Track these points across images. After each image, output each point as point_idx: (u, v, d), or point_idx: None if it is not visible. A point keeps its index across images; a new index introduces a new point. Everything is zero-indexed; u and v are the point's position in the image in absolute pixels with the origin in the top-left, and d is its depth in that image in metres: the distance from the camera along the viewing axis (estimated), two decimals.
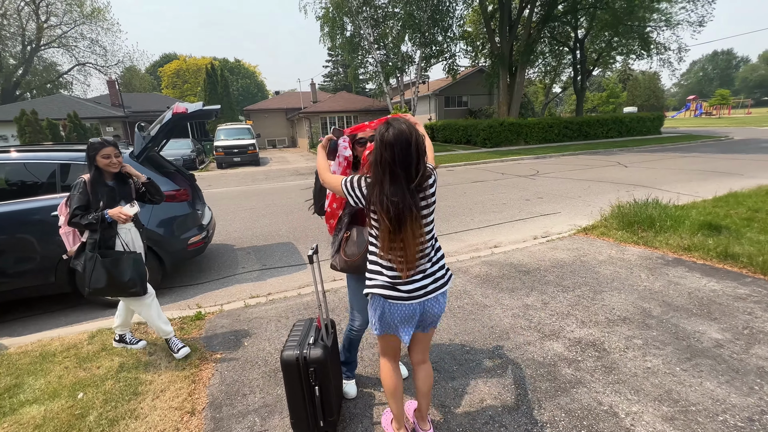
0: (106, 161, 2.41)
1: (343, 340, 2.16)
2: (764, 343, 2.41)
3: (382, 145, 1.43)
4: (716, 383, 2.07)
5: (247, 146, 17.00)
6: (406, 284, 1.55)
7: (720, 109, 50.83)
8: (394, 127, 1.44)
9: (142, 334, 3.05)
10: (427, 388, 1.77)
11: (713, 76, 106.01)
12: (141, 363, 2.59)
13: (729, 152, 13.56)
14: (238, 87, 49.78)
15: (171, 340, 2.73)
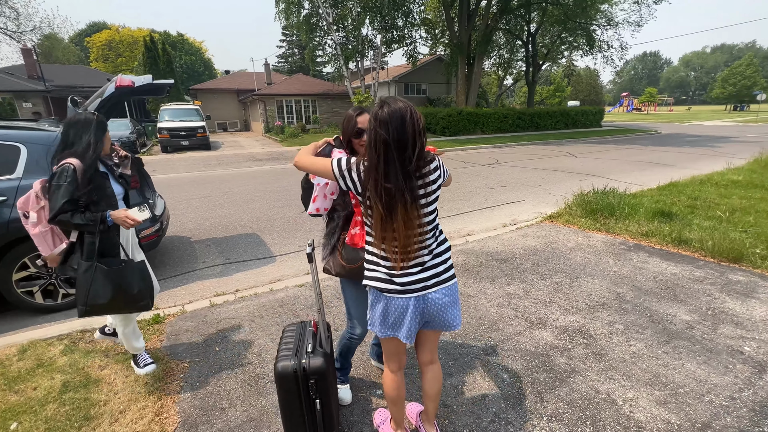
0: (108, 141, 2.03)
1: (340, 346, 1.98)
2: (727, 323, 2.60)
3: (376, 123, 1.29)
4: (696, 364, 2.19)
5: (195, 128, 15.67)
6: (401, 276, 1.42)
7: (648, 105, 56.19)
8: (389, 105, 1.30)
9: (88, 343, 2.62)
10: (436, 391, 1.65)
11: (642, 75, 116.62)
12: (91, 380, 2.21)
13: (660, 145, 14.95)
14: (181, 64, 45.61)
15: (140, 356, 2.34)
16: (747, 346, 2.34)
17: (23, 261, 3.04)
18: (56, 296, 3.22)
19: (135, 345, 2.28)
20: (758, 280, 3.22)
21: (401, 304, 1.43)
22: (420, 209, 1.35)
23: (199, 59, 50.82)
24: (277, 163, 12.10)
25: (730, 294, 3.00)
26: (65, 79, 23.22)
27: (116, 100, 3.38)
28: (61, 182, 1.82)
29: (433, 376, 1.64)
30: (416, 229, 1.35)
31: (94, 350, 2.54)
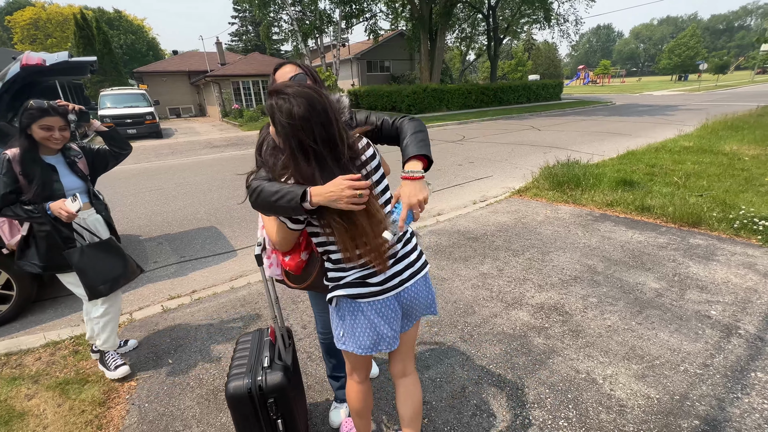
0: (46, 134, 1.80)
1: (321, 348, 1.74)
2: (693, 288, 2.65)
3: (295, 125, 1.01)
4: (668, 333, 2.20)
5: (143, 115, 14.40)
6: (375, 275, 1.19)
7: (603, 78, 58.35)
8: (295, 97, 1.02)
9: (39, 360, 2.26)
10: (412, 412, 1.36)
11: (597, 48, 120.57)
12: (14, 414, 1.89)
13: (616, 115, 15.51)
14: (121, 45, 41.69)
15: (109, 354, 2.16)
16: (713, 309, 2.39)
17: None
18: None
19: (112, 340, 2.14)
20: (716, 242, 3.34)
21: (380, 308, 1.21)
22: (376, 199, 1.15)
23: (142, 39, 46.72)
24: (237, 149, 11.41)
25: (693, 258, 3.08)
26: None
27: (25, 82, 2.88)
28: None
29: (407, 392, 1.37)
30: (381, 222, 1.12)
31: (22, 376, 2.20)
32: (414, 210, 1.08)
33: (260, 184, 1.09)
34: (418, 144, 1.14)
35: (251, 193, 1.11)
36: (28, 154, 1.80)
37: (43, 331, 2.69)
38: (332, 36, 20.32)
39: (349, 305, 1.22)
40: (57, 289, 3.38)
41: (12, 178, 1.78)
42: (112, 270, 2.01)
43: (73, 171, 1.97)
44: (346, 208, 1.04)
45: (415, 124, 1.23)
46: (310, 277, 1.34)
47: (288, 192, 1.03)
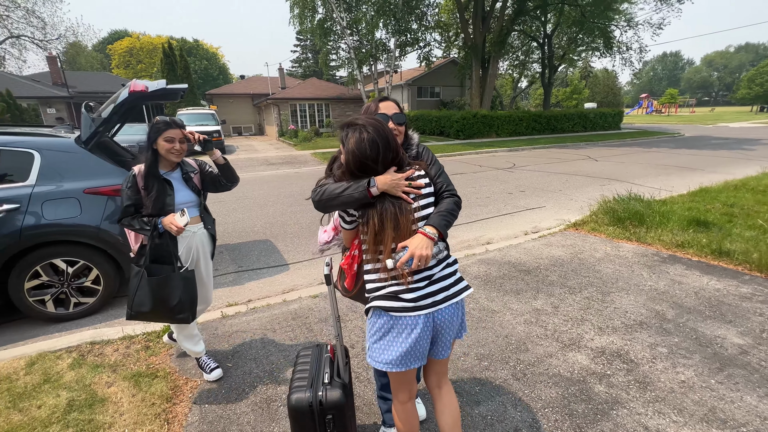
0: (168, 146, 1.96)
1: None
2: None
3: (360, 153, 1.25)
4: (756, 397, 1.95)
5: (211, 133, 15.81)
6: (409, 292, 1.29)
7: (669, 107, 54.60)
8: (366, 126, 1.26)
9: (122, 355, 2.53)
10: (453, 419, 1.43)
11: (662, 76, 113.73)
12: (96, 399, 2.11)
13: (685, 148, 14.37)
14: (197, 70, 46.56)
15: (202, 359, 2.31)
16: None
17: (35, 269, 2.99)
18: (68, 305, 3.16)
19: (193, 349, 2.27)
20: None
21: (409, 323, 1.29)
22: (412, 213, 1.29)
23: (215, 64, 51.86)
24: (291, 167, 12.09)
25: None
26: (88, 85, 23.91)
27: (130, 105, 3.32)
28: (124, 187, 1.98)
29: (444, 402, 1.45)
30: (404, 237, 1.27)
31: (103, 364, 2.45)
32: (414, 259, 1.21)
33: (325, 183, 1.33)
34: (443, 219, 1.32)
35: (316, 190, 1.33)
36: (151, 168, 1.97)
37: (121, 325, 2.99)
38: (385, 63, 21.19)
39: (382, 317, 1.31)
40: None
41: (135, 191, 1.95)
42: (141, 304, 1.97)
43: (187, 185, 2.12)
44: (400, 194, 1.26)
45: (453, 202, 1.39)
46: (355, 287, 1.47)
47: (354, 183, 1.25)
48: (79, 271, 3.15)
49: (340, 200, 1.26)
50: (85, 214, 3.07)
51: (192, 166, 2.23)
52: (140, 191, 1.96)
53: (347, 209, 1.31)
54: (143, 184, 1.96)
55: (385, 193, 1.25)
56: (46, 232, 2.95)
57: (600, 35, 21.53)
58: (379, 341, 1.33)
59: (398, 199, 1.27)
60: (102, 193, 3.16)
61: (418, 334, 1.29)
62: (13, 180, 2.95)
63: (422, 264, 1.22)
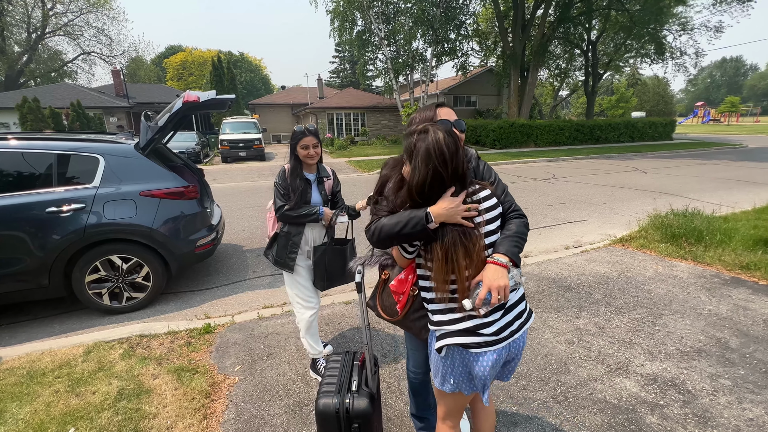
0: (304, 152, 2.18)
1: (408, 384, 1.72)
2: None
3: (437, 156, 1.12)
4: None
5: (252, 140, 16.59)
6: (488, 326, 1.19)
7: (728, 116, 50.37)
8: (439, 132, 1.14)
9: (144, 348, 2.69)
10: (491, 427, 1.52)
11: (721, 83, 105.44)
12: (143, 389, 2.23)
13: (748, 160, 13.16)
14: (242, 81, 49.22)
15: (319, 361, 2.40)
16: None
17: (95, 264, 3.24)
18: (121, 299, 3.40)
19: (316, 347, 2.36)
20: None
21: (493, 359, 1.20)
22: (481, 237, 1.19)
23: (258, 76, 54.55)
24: None
25: None
26: (145, 96, 25.98)
27: (184, 114, 3.56)
28: (277, 180, 2.21)
29: (487, 419, 1.50)
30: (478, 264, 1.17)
31: (150, 357, 2.60)
32: (493, 293, 1.12)
33: (378, 223, 1.22)
34: (514, 245, 1.22)
35: (371, 234, 1.23)
36: (295, 170, 2.21)
37: (167, 321, 3.16)
38: (421, 72, 21.29)
39: (461, 354, 1.22)
40: (178, 285, 3.97)
41: (286, 184, 2.19)
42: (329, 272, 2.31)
43: (318, 189, 2.30)
44: (461, 222, 1.15)
45: (523, 224, 1.31)
46: (397, 314, 1.41)
47: (410, 218, 1.14)
48: (132, 268, 3.39)
49: (398, 239, 1.19)
50: (140, 215, 3.31)
51: (327, 171, 2.39)
52: (288, 184, 2.18)
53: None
54: (290, 182, 2.18)
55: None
56: (107, 230, 3.20)
57: (650, 41, 20.40)
58: (458, 377, 1.25)
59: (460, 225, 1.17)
60: (156, 196, 3.39)
61: (494, 364, 1.23)
62: (81, 182, 3.23)
63: (502, 297, 1.12)
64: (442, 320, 1.23)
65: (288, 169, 2.23)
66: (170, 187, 3.48)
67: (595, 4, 20.85)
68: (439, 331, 1.23)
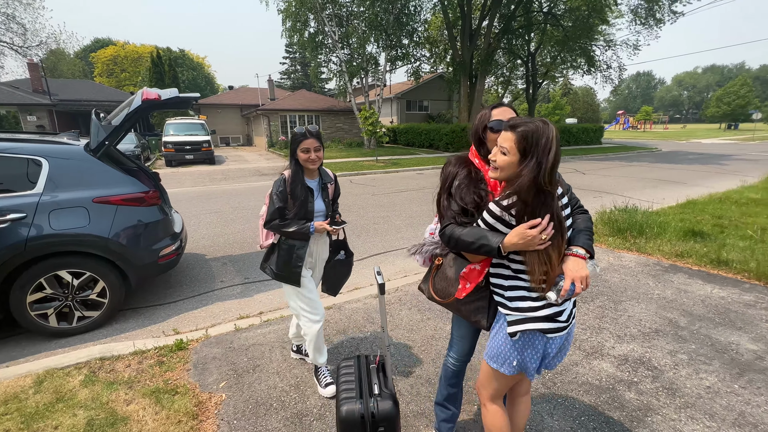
0: (305, 156, 2.01)
1: (441, 373, 1.72)
2: None
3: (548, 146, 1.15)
4: None
5: (201, 143, 15.61)
6: (562, 313, 1.28)
7: (644, 123, 57.09)
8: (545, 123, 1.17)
9: (132, 368, 2.41)
10: (524, 423, 1.58)
11: (636, 94, 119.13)
12: (118, 417, 2.00)
13: (664, 162, 15.01)
14: (184, 79, 46.11)
15: (322, 370, 2.30)
16: None
17: (39, 282, 2.85)
18: (71, 319, 3.01)
19: (320, 359, 2.28)
20: None
21: (560, 343, 1.30)
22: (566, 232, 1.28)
23: (201, 74, 51.45)
24: None
25: None
26: (71, 93, 23.28)
27: (141, 114, 3.27)
28: (274, 190, 2.04)
29: (527, 407, 1.58)
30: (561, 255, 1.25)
31: (117, 381, 2.34)
32: (576, 283, 1.20)
33: (454, 234, 1.29)
34: (587, 238, 1.34)
35: (448, 240, 1.31)
36: (296, 176, 2.04)
37: (129, 339, 2.87)
38: (375, 77, 21.49)
39: (538, 339, 1.27)
40: (137, 300, 3.62)
41: (285, 195, 2.02)
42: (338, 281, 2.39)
43: (322, 195, 2.15)
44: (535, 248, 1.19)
45: (589, 219, 1.43)
46: (451, 296, 1.43)
47: (482, 245, 1.21)
48: (84, 284, 3.02)
49: (470, 251, 1.28)
50: (93, 224, 2.97)
51: (329, 176, 2.26)
52: (287, 195, 2.03)
53: None
54: (290, 190, 2.03)
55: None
56: (53, 242, 2.83)
57: (582, 54, 22.52)
58: (526, 359, 1.30)
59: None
60: (112, 203, 3.06)
61: (561, 348, 1.33)
62: (20, 189, 2.83)
63: (585, 287, 1.20)
64: (521, 307, 1.27)
65: (288, 176, 2.05)
66: (128, 192, 3.17)
67: (534, 18, 22.63)
68: (515, 317, 1.27)
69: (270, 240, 2.21)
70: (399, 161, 15.28)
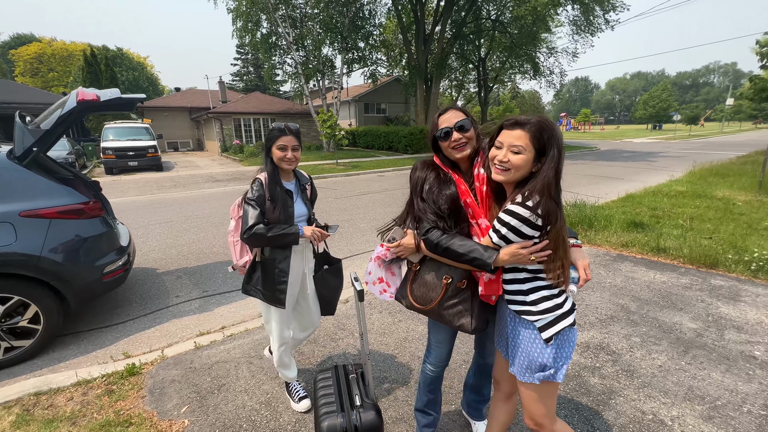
0: (281, 154, 1.84)
1: (420, 380, 1.69)
2: (730, 328, 2.72)
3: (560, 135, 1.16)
4: (720, 373, 2.23)
5: (146, 148, 14.51)
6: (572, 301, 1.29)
7: (584, 124, 61.82)
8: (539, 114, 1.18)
9: None
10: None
11: (576, 97, 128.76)
12: None
13: (602, 160, 16.31)
14: (124, 80, 42.76)
15: (293, 384, 2.17)
16: (756, 350, 2.44)
17: None
18: None
19: (287, 374, 2.13)
20: (737, 284, 3.46)
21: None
22: None
23: (144, 75, 48.06)
24: (240, 183, 11.48)
25: (720, 299, 3.18)
26: None
27: (76, 117, 2.95)
28: (253, 195, 1.81)
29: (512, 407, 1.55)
30: None
31: (57, 417, 2.07)
32: (587, 271, 1.26)
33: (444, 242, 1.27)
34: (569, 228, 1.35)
35: (435, 246, 1.29)
36: (272, 177, 1.86)
37: (70, 368, 2.56)
38: (332, 79, 21.31)
39: (570, 334, 1.25)
40: (80, 323, 3.25)
41: (263, 199, 1.82)
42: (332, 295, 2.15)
43: (302, 198, 1.99)
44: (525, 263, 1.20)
45: None
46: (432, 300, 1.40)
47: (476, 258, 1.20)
48: (12, 310, 2.66)
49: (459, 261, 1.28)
50: (21, 241, 2.62)
51: (305, 177, 2.10)
52: (266, 200, 1.84)
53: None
54: (269, 195, 1.83)
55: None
56: None
57: (527, 60, 23.92)
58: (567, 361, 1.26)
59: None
60: (44, 216, 2.72)
61: None
62: None
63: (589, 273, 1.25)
64: (547, 307, 1.22)
65: (265, 178, 1.85)
66: (64, 204, 2.83)
67: (483, 25, 23.68)
68: (545, 320, 1.22)
69: (246, 257, 2.00)
70: (359, 164, 15.23)
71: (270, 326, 2.06)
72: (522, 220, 1.13)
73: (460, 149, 1.37)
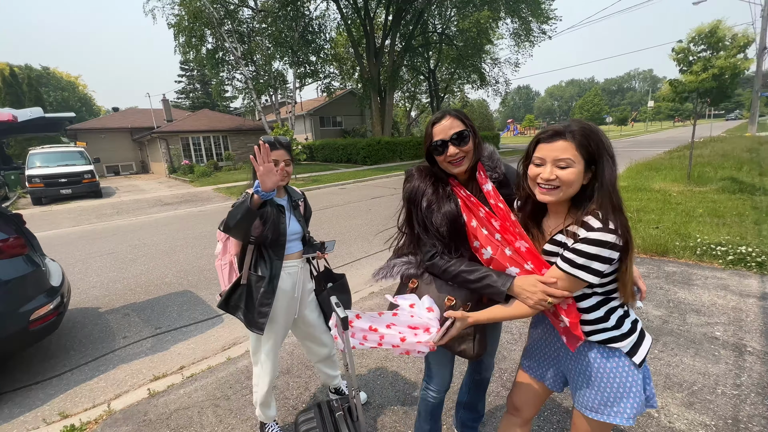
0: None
1: (420, 407, 1.56)
2: (690, 312, 2.87)
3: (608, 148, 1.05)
4: (690, 358, 2.32)
5: (80, 174, 13.22)
6: None
7: (529, 129, 66.02)
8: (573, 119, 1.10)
9: None
10: None
11: (520, 104, 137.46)
12: None
13: None
14: (51, 101, 39.15)
15: (268, 426, 1.97)
16: (716, 331, 2.59)
17: None
18: None
19: (267, 413, 1.95)
20: (687, 269, 3.71)
21: None
22: None
23: (75, 95, 44.41)
24: (192, 206, 10.78)
25: (676, 284, 3.37)
26: None
27: None
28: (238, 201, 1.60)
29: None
30: None
31: None
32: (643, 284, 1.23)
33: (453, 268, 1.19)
34: None
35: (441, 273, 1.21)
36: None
37: (19, 427, 2.13)
38: (285, 94, 20.96)
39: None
40: (3, 382, 2.75)
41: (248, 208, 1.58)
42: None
43: (294, 215, 1.87)
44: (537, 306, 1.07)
45: None
46: None
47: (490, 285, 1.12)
48: None
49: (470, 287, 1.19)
50: None
51: (298, 193, 1.98)
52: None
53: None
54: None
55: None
56: None
57: (474, 71, 25.13)
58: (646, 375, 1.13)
59: None
60: None
61: None
62: None
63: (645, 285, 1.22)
64: (630, 329, 1.10)
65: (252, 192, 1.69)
66: None
67: (430, 38, 24.61)
68: (632, 341, 1.09)
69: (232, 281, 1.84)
70: (319, 178, 14.96)
71: (258, 358, 1.86)
72: (611, 247, 0.98)
73: (457, 164, 1.25)
